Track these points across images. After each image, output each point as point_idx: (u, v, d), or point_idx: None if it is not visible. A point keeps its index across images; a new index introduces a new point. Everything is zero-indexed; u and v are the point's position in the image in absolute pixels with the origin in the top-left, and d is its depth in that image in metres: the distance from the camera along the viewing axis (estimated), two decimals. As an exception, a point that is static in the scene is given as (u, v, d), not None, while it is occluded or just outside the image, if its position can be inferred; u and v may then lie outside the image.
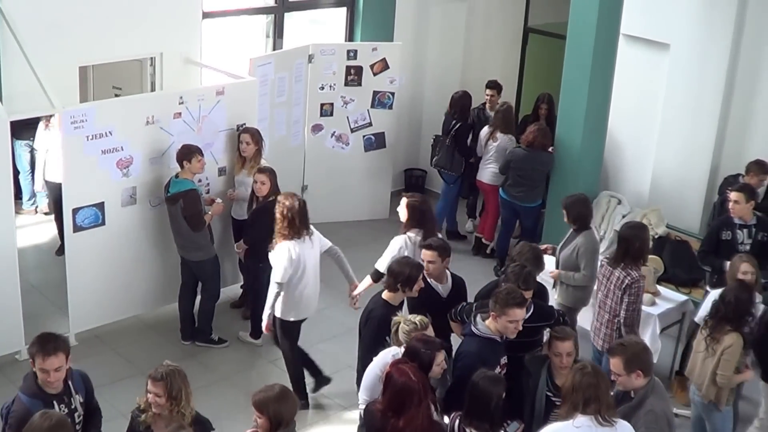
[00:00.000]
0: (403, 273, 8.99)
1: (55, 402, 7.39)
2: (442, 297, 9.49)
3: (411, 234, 10.31)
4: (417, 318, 8.29)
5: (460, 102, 14.86)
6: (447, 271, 9.68)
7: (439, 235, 10.40)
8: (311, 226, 10.48)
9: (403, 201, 10.53)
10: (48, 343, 7.26)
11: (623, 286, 9.98)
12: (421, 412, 7.34)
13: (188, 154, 11.22)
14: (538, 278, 9.53)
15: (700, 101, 13.71)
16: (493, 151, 14.07)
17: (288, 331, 10.62)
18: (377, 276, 10.34)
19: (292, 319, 10.53)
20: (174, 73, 13.19)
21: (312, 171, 15.10)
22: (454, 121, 14.78)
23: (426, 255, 9.44)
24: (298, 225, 10.17)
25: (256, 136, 11.95)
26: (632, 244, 10.08)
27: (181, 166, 11.22)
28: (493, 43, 16.89)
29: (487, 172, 14.21)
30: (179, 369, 7.37)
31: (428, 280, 9.45)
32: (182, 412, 7.24)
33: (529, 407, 8.34)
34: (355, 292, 10.84)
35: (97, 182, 10.99)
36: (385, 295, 9.09)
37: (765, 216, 11.56)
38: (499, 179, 13.98)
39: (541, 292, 9.50)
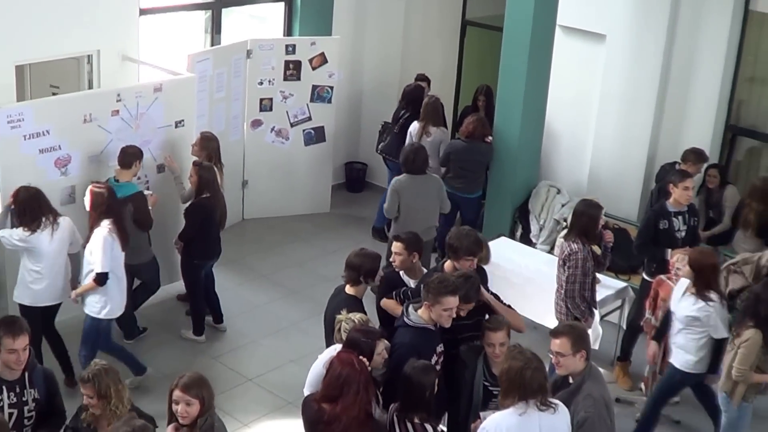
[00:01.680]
0: (363, 266, 8.94)
1: (5, 388, 7.47)
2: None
3: (107, 225, 10.11)
4: (356, 316, 8.28)
5: (412, 94, 14.91)
6: (423, 268, 9.66)
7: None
8: (63, 220, 10.24)
9: (89, 188, 10.32)
10: (14, 324, 7.45)
11: (563, 256, 10.28)
12: (358, 403, 7.35)
13: (140, 154, 11.22)
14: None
15: (637, 91, 13.85)
16: (428, 146, 14.06)
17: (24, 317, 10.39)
18: (102, 279, 10.07)
19: (26, 304, 10.27)
20: (112, 71, 13.08)
21: (252, 166, 15.09)
22: (403, 111, 14.83)
23: (393, 247, 9.46)
24: (30, 215, 9.98)
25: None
26: (580, 218, 10.36)
27: (129, 167, 11.14)
28: (432, 36, 16.93)
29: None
30: (107, 368, 7.35)
31: (399, 273, 9.45)
32: (113, 410, 7.21)
33: (466, 397, 8.34)
34: (74, 294, 10.40)
35: (35, 181, 10.83)
36: (349, 290, 9.00)
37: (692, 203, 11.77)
38: (437, 173, 13.98)
39: (478, 273, 9.34)
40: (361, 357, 7.62)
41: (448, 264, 9.26)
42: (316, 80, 15.15)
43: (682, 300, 9.83)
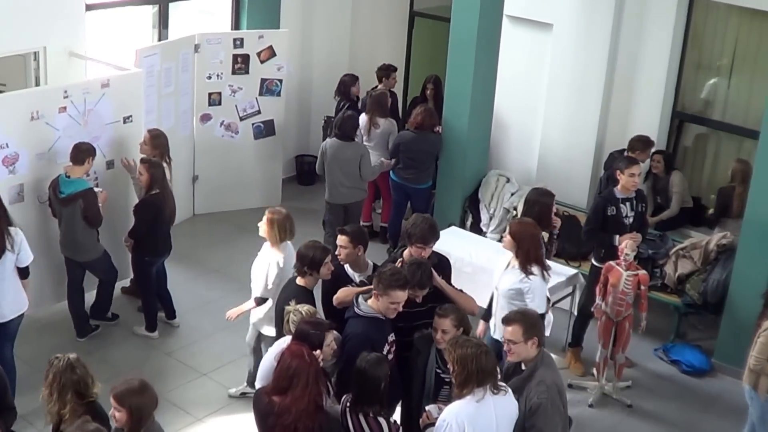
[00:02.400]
0: (308, 256, 8.97)
1: None
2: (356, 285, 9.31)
3: None
4: (304, 308, 8.30)
5: (343, 86, 15.12)
6: (369, 261, 9.63)
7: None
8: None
9: None
10: None
11: None
12: (308, 395, 7.36)
13: (92, 151, 11.20)
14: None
15: (584, 79, 13.98)
16: (377, 138, 14.13)
17: None
18: None
19: None
20: (58, 67, 12.98)
21: (202, 161, 15.07)
22: (342, 103, 14.88)
23: (338, 240, 9.44)
24: None
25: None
26: (533, 207, 10.49)
27: (81, 163, 11.08)
28: (380, 27, 16.97)
29: (373, 158, 14.18)
30: (57, 371, 7.34)
31: (345, 266, 9.42)
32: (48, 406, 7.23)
33: (419, 385, 8.40)
34: None
35: (-18, 181, 10.85)
36: (300, 281, 9.05)
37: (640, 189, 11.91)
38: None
39: (441, 264, 9.49)
40: (311, 349, 7.66)
41: (407, 252, 9.30)
42: (265, 74, 15.14)
43: (505, 274, 9.76)
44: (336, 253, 9.46)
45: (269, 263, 10.04)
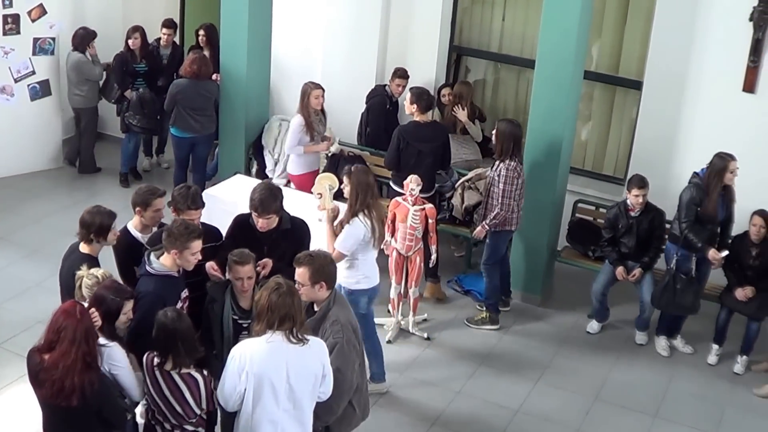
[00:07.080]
0: (94, 223, 8.67)
1: None
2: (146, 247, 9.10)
3: None
4: (99, 272, 8.12)
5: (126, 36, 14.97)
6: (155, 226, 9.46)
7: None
8: None
9: None
10: None
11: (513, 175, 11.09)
12: (75, 351, 7.15)
13: None
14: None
15: (360, 19, 14.11)
16: None
17: None
18: None
19: None
20: None
21: (-21, 127, 14.68)
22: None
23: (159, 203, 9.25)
24: None
25: None
26: (519, 138, 11.22)
27: None
28: (152, -22, 16.75)
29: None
30: None
31: (131, 231, 9.23)
32: None
33: (218, 333, 8.46)
34: None
35: None
36: (84, 248, 8.75)
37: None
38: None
39: (296, 228, 9.55)
40: (104, 314, 7.59)
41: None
42: (37, 32, 14.80)
43: None
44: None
45: None
